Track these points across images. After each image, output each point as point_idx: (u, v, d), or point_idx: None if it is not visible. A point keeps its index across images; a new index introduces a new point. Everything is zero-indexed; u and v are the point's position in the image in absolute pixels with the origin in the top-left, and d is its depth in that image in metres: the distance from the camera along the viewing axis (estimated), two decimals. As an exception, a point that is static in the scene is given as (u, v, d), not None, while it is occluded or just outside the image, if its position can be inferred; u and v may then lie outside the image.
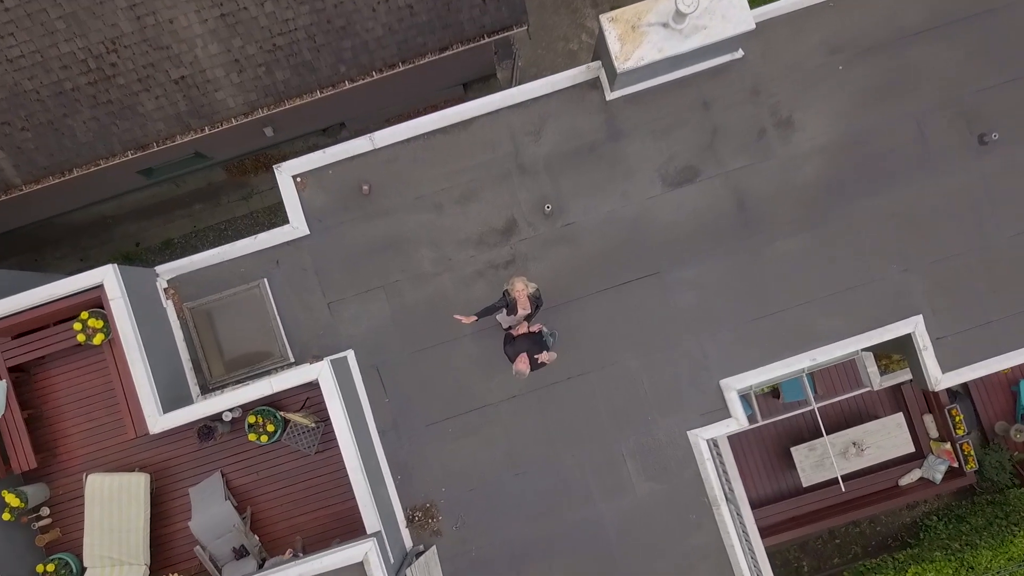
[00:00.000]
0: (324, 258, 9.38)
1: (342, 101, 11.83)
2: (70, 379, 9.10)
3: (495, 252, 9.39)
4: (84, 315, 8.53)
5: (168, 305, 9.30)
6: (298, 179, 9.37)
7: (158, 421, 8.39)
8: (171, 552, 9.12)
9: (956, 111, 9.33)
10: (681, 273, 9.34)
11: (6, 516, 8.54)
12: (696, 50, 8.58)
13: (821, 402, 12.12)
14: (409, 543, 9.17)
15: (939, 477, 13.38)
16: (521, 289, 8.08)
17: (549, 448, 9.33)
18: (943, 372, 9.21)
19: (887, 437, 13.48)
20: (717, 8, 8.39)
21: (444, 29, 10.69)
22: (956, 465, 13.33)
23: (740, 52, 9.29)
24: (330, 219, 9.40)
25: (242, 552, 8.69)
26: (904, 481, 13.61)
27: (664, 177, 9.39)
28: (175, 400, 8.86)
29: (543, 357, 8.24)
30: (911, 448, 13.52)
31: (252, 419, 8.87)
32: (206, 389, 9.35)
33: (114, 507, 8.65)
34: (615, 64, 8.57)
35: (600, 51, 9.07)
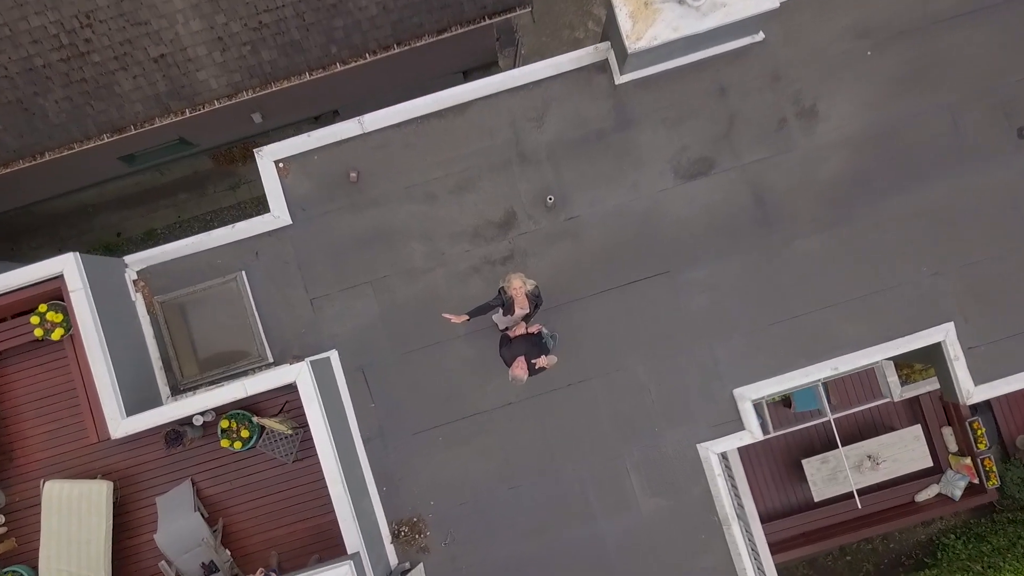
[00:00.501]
0: (307, 250, 8.88)
1: (334, 86, 11.33)
2: (29, 377, 8.50)
3: (492, 247, 8.89)
4: (42, 308, 7.99)
5: (137, 298, 8.72)
6: (280, 164, 8.83)
7: (120, 424, 7.81)
8: (135, 566, 8.51)
9: (993, 102, 8.80)
10: (693, 273, 8.85)
11: (-44, 524, 7.98)
12: (714, 30, 8.01)
13: (837, 413, 11.55)
14: (394, 560, 8.64)
15: (958, 494, 12.95)
16: (519, 286, 7.46)
17: (547, 460, 8.85)
18: (976, 384, 8.64)
19: (904, 450, 13.08)
20: (738, -16, 7.77)
21: (442, 9, 10.17)
22: (976, 481, 12.88)
23: (761, 35, 8.76)
24: (314, 208, 8.87)
25: (211, 568, 8.06)
26: (921, 497, 13.24)
27: (676, 169, 8.89)
28: (142, 402, 8.27)
29: (542, 361, 7.58)
30: (929, 462, 13.12)
31: (225, 424, 8.27)
32: (177, 390, 8.80)
33: (73, 517, 8.11)
34: (626, 44, 7.98)
35: (609, 30, 8.46)
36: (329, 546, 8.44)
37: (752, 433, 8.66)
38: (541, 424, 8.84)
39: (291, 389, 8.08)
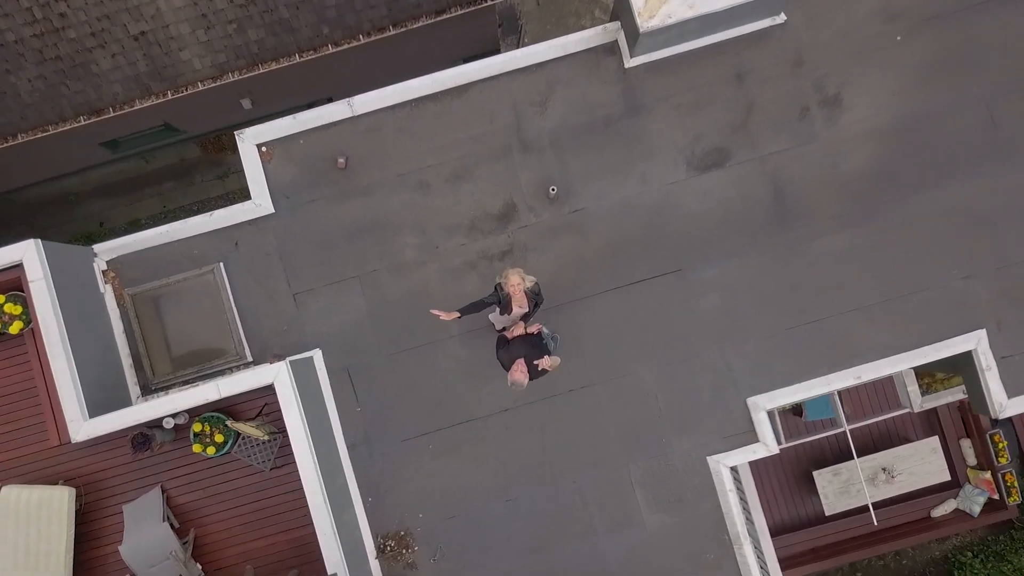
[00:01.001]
0: (291, 241, 8.33)
1: (326, 70, 10.78)
2: (-13, 373, 7.87)
3: (490, 240, 8.35)
4: (0, 299, 7.32)
5: (107, 290, 8.14)
6: (263, 148, 8.27)
7: (83, 427, 7.23)
8: (100, 579, 7.89)
9: (1032, 93, 8.29)
10: (705, 272, 8.33)
11: (-96, 532, 7.37)
12: (732, 8, 7.51)
13: (853, 424, 10.97)
14: (379, 577, 8.00)
15: (977, 509, 12.45)
16: (517, 283, 6.87)
17: (546, 471, 8.33)
18: (1009, 397, 8.07)
19: (920, 463, 12.58)
20: (760, -41, 7.23)
21: (441, -12, 9.58)
22: (996, 497, 12.34)
23: (783, 16, 8.24)
24: (299, 196, 8.33)
25: (181, 583, 7.44)
26: (937, 512, 12.75)
27: (689, 160, 8.36)
28: (110, 402, 7.71)
29: (545, 362, 6.97)
30: (946, 476, 12.63)
31: (198, 427, 7.68)
32: (148, 390, 8.24)
33: (32, 525, 7.56)
34: (637, 22, 7.43)
35: (619, 8, 7.89)
36: (309, 560, 7.86)
37: (767, 446, 8.10)
38: (540, 432, 8.31)
39: (270, 391, 7.50)
